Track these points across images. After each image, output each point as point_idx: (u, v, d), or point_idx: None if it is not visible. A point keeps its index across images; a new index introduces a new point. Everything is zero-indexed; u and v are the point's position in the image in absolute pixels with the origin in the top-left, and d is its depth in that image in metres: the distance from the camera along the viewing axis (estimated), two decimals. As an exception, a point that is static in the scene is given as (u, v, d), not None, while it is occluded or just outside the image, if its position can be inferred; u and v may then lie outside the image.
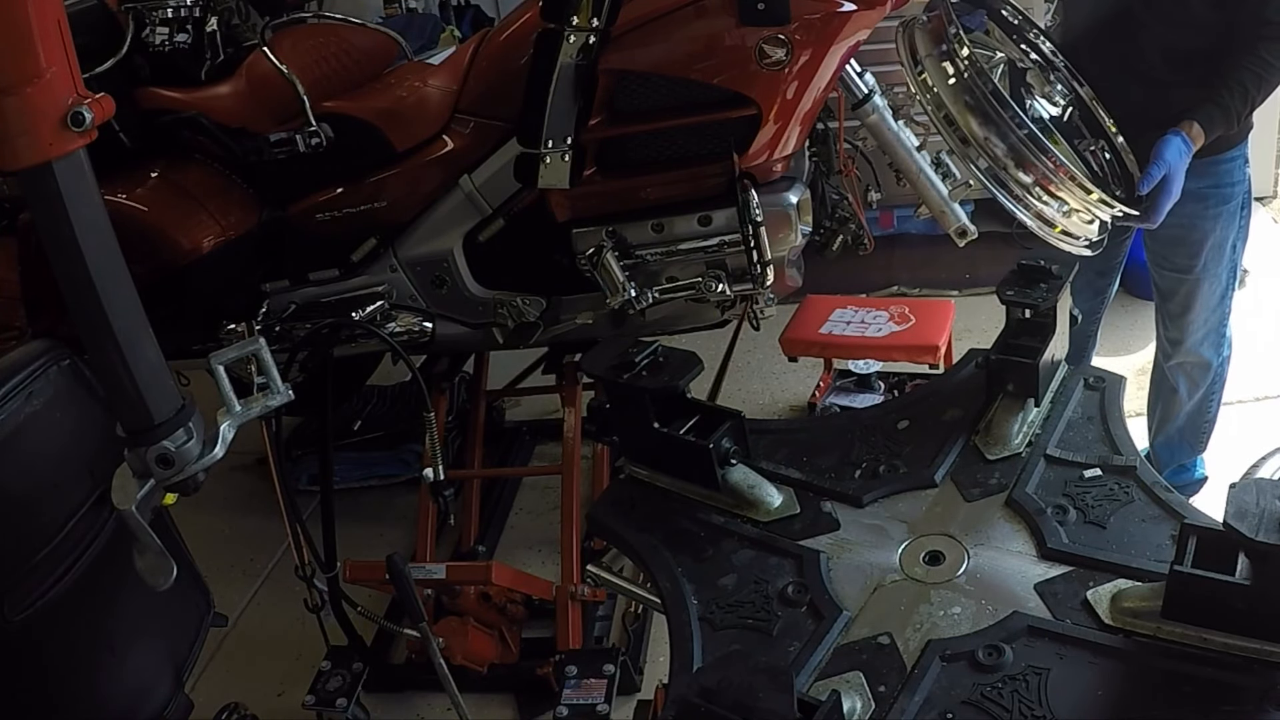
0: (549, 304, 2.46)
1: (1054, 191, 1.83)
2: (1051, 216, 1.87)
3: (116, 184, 2.44)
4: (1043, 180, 1.82)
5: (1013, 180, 1.83)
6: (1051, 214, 1.86)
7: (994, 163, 1.83)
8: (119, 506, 1.28)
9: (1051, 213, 1.86)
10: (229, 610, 2.49)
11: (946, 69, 1.85)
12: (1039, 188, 1.83)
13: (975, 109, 1.82)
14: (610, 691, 2.22)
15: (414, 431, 2.98)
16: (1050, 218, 1.87)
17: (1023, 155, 1.82)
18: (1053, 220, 1.87)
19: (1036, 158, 1.80)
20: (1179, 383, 2.60)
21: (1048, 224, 1.88)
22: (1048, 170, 1.80)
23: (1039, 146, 1.80)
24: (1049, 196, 1.84)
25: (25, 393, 1.56)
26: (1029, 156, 1.81)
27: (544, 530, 2.97)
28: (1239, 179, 2.33)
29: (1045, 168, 1.80)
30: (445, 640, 2.22)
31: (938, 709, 1.09)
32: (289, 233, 2.55)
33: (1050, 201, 1.84)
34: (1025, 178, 1.83)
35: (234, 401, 1.33)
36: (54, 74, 1.13)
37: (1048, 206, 1.85)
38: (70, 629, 1.62)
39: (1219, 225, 2.33)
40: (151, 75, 2.53)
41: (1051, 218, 1.87)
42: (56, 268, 1.20)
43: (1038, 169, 1.81)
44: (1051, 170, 1.80)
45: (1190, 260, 2.37)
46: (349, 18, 2.87)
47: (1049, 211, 1.86)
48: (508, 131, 2.31)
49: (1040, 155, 1.79)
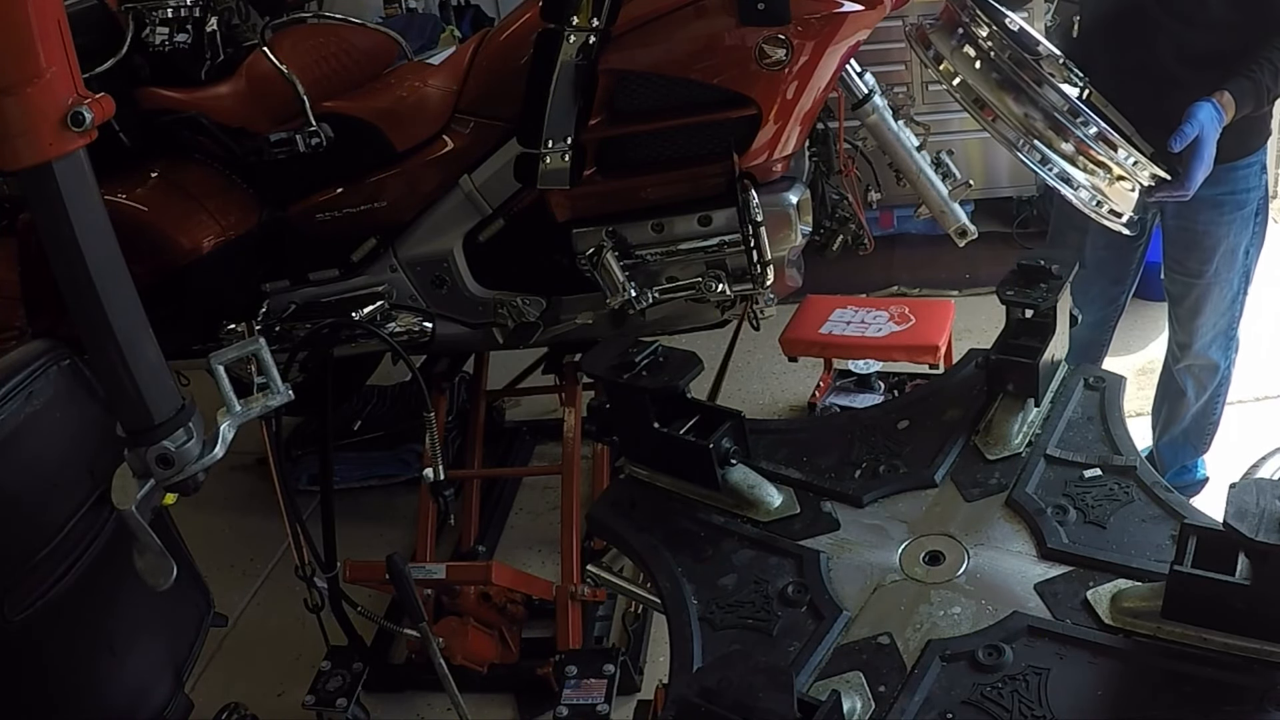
0: (549, 304, 2.46)
1: (1096, 157, 1.79)
2: (1100, 186, 1.82)
3: (116, 184, 2.45)
4: (1082, 147, 1.78)
5: (1059, 154, 1.78)
6: (1100, 184, 1.82)
7: (1039, 138, 1.78)
8: (119, 506, 1.28)
9: (1100, 182, 1.82)
10: (229, 610, 2.49)
11: (969, 53, 1.83)
12: (1082, 157, 1.79)
13: (1006, 84, 1.79)
14: (610, 691, 2.22)
15: (414, 431, 2.98)
16: (1100, 188, 1.82)
17: (1060, 123, 1.77)
18: (1102, 191, 1.83)
19: (1072, 122, 1.76)
20: (1186, 385, 2.60)
21: (1099, 196, 1.84)
22: (1086, 137, 1.76)
23: (1072, 110, 1.77)
24: (1093, 165, 1.80)
25: (25, 393, 1.56)
26: (1066, 123, 1.77)
27: (544, 530, 2.97)
28: (1255, 185, 2.30)
29: (1083, 133, 1.76)
30: (445, 640, 2.22)
31: (938, 709, 1.09)
32: (289, 233, 2.55)
33: (1096, 170, 1.80)
34: (1067, 147, 1.79)
35: (234, 401, 1.33)
36: (54, 74, 1.13)
37: (1095, 176, 1.81)
38: (70, 629, 1.62)
39: (1232, 231, 2.32)
40: (151, 75, 2.54)
41: (1101, 188, 1.82)
42: (56, 268, 1.20)
43: (1075, 135, 1.77)
44: (1090, 135, 1.76)
45: (1202, 265, 2.37)
46: (349, 18, 2.87)
47: (1097, 182, 1.82)
48: (508, 131, 2.31)
49: (1074, 120, 1.76)
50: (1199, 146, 1.96)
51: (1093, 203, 1.85)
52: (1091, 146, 1.78)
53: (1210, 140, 1.97)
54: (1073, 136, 1.78)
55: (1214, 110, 1.98)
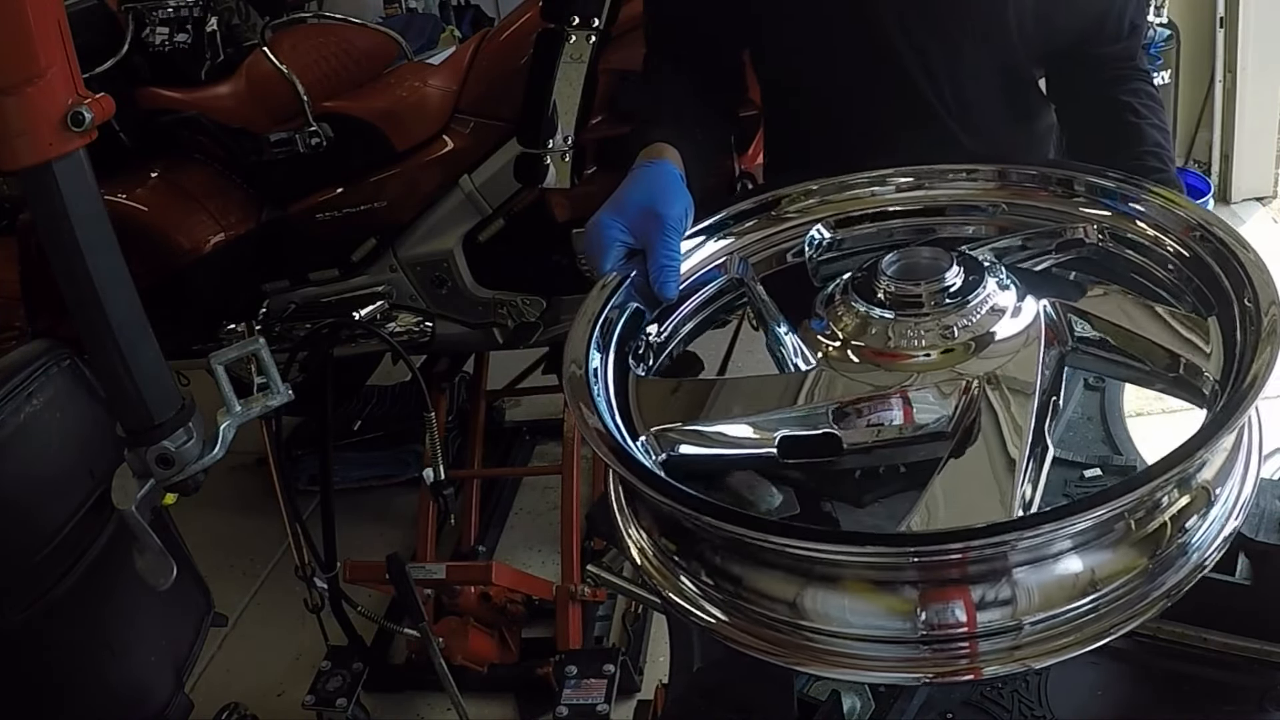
0: (549, 304, 2.46)
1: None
2: None
3: (116, 184, 2.45)
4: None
5: None
6: None
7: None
8: (119, 506, 1.28)
9: None
10: (229, 610, 2.49)
11: None
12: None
13: None
14: (610, 691, 2.22)
15: (414, 431, 2.97)
16: None
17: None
18: None
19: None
20: None
21: None
22: None
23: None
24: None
25: (25, 393, 1.56)
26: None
27: (544, 530, 2.97)
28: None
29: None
30: (445, 640, 2.22)
31: (938, 709, 1.09)
32: (289, 233, 2.55)
33: None
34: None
35: (234, 401, 1.32)
36: (54, 74, 1.12)
37: None
38: (70, 629, 1.62)
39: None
40: (151, 75, 2.54)
41: None
42: (56, 268, 1.20)
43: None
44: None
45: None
46: (349, 18, 2.87)
47: None
48: (508, 131, 2.31)
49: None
50: None
51: None
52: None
53: None
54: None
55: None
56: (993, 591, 0.75)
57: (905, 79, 1.34)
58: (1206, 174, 4.10)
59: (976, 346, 0.93)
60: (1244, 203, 4.11)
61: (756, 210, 1.21)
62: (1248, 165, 4.05)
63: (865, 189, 1.21)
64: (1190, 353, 0.92)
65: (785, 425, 0.95)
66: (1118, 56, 1.37)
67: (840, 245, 1.20)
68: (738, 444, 0.96)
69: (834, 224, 1.19)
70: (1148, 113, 1.33)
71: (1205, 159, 4.16)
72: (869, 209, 1.20)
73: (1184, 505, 0.81)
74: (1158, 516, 0.79)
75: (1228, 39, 3.88)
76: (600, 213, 1.13)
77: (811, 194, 1.21)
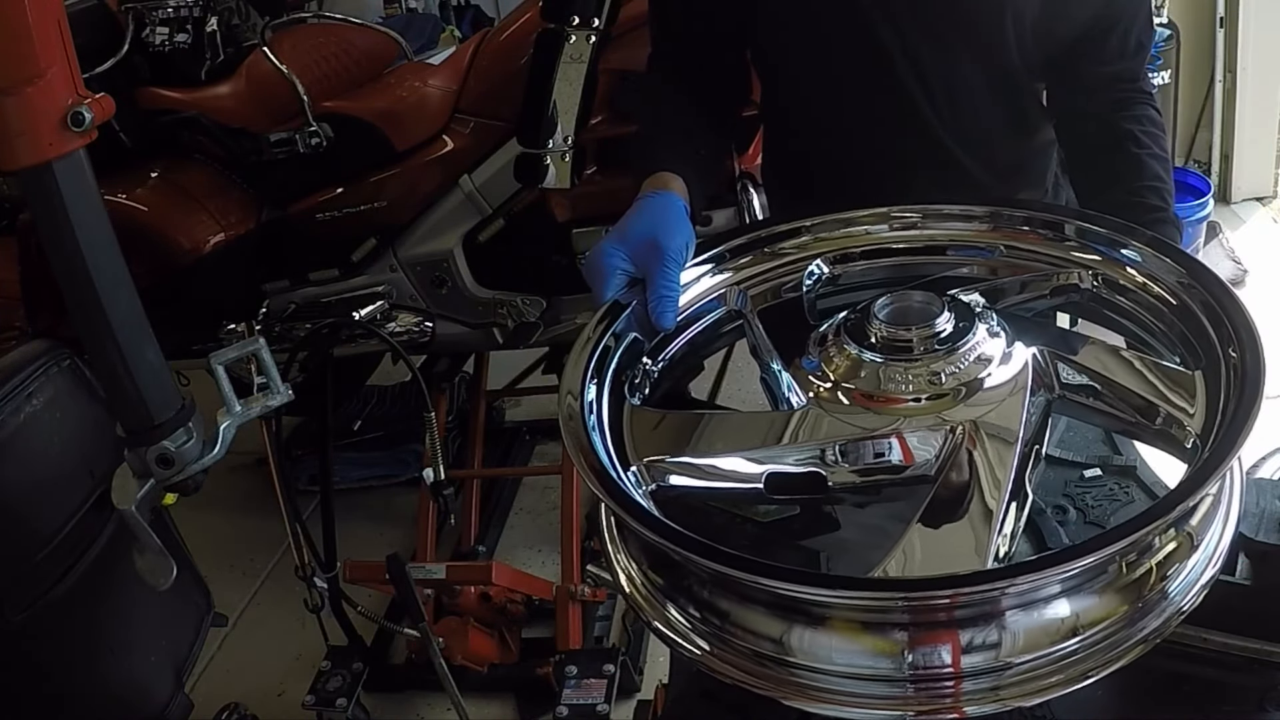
0: (549, 304, 2.46)
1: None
2: None
3: (116, 184, 2.45)
4: None
5: None
6: None
7: None
8: (119, 506, 1.28)
9: None
10: (229, 610, 2.49)
11: None
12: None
13: None
14: (610, 691, 2.22)
15: (414, 431, 2.98)
16: None
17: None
18: None
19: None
20: None
21: None
22: None
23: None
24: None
25: (25, 393, 1.56)
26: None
27: (544, 530, 2.96)
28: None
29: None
30: (445, 640, 2.22)
31: (937, 709, 1.09)
32: (289, 233, 2.55)
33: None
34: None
35: (234, 401, 1.33)
36: (54, 74, 1.12)
37: None
38: (70, 629, 1.62)
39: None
40: (151, 75, 2.54)
41: None
42: (56, 268, 1.20)
43: None
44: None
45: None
46: (349, 18, 2.87)
47: None
48: (508, 131, 2.31)
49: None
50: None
51: None
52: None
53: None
54: None
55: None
56: (979, 635, 0.78)
57: (902, 89, 1.34)
58: (1206, 174, 4.10)
59: (965, 393, 0.95)
60: (1244, 203, 4.11)
61: (755, 244, 1.22)
62: (1248, 165, 4.05)
63: (863, 226, 1.21)
64: (1173, 408, 0.94)
65: (773, 461, 0.96)
66: (1121, 77, 1.35)
67: (838, 281, 1.21)
68: (727, 477, 0.98)
69: (833, 260, 1.20)
70: (1149, 141, 1.30)
71: (1205, 159, 4.16)
72: (868, 245, 1.21)
73: (1169, 552, 0.84)
74: (1144, 563, 0.82)
75: (1228, 39, 3.88)
76: (603, 241, 1.16)
77: (810, 230, 1.22)
